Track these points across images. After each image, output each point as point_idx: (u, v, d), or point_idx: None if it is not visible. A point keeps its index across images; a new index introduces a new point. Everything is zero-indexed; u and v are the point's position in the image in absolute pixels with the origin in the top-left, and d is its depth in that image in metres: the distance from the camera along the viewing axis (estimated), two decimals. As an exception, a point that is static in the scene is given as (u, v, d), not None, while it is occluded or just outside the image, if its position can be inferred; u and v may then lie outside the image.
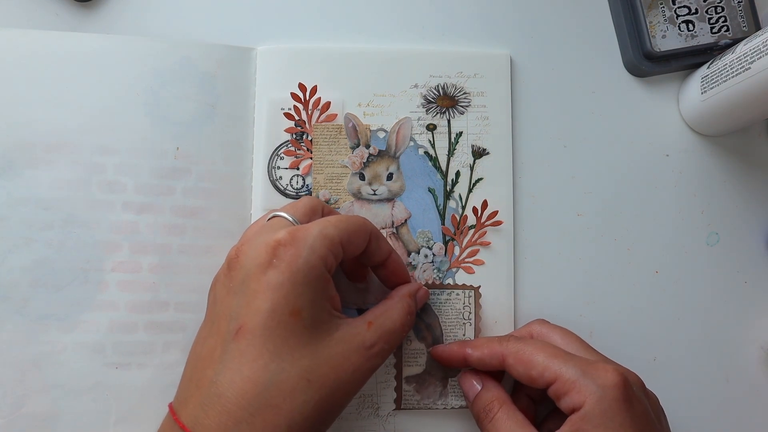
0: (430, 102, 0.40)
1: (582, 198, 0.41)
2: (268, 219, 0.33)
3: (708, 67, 0.39)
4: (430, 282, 0.39)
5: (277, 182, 0.39)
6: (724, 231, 0.41)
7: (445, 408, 0.38)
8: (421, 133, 0.40)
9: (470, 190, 0.40)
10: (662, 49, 0.40)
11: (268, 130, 0.39)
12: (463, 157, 0.40)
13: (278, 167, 0.39)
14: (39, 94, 0.37)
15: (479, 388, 0.35)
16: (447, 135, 0.40)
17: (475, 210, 0.39)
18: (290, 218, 0.32)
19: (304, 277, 0.28)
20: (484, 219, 0.39)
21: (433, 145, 0.40)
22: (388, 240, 0.39)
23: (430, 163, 0.40)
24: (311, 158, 0.39)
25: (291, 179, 0.39)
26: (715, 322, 0.40)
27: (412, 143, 0.40)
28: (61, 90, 0.37)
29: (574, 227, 0.40)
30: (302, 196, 0.39)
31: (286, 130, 0.39)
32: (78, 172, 0.37)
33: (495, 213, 0.39)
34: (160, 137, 0.38)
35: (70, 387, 0.36)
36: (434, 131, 0.40)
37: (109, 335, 0.36)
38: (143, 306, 0.37)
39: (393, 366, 0.38)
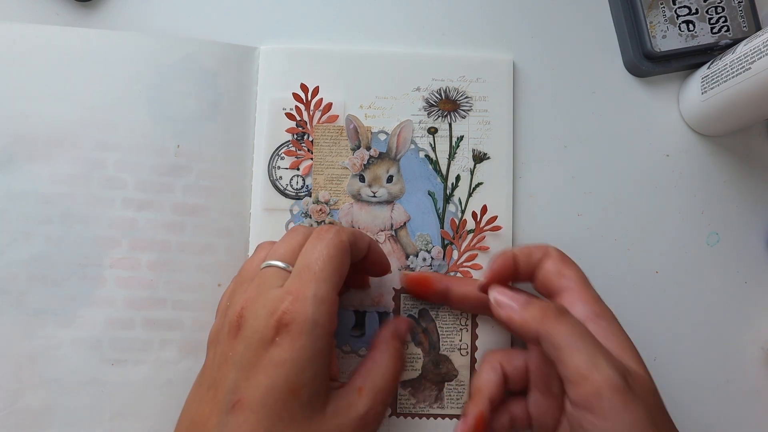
0: (431, 105, 0.40)
1: (582, 198, 0.40)
2: (262, 268, 0.32)
3: (708, 67, 0.39)
4: (428, 285, 0.39)
5: (277, 182, 0.39)
6: (724, 231, 0.41)
7: (441, 414, 0.38)
8: (422, 137, 0.40)
9: (470, 195, 0.39)
10: (662, 49, 0.40)
11: (269, 129, 0.39)
12: (463, 161, 0.40)
13: (278, 167, 0.39)
14: (40, 89, 0.37)
15: (525, 297, 0.33)
16: (448, 139, 0.40)
17: (474, 214, 0.39)
18: (284, 266, 0.31)
19: (307, 353, 0.28)
20: (483, 224, 0.39)
21: (433, 149, 0.40)
22: (387, 243, 0.39)
23: (430, 167, 0.40)
24: (312, 159, 0.39)
25: (291, 179, 0.39)
26: (715, 322, 0.40)
27: (412, 146, 0.40)
28: (62, 85, 0.37)
29: (574, 227, 0.40)
30: (302, 196, 0.39)
31: (287, 131, 0.39)
32: (78, 167, 0.37)
33: (494, 218, 0.39)
34: (161, 134, 0.38)
35: (66, 382, 0.36)
36: (435, 135, 0.40)
37: (106, 331, 0.36)
38: (141, 303, 0.37)
39: (389, 369, 0.38)
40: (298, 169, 0.39)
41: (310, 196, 0.39)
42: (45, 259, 0.36)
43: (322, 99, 0.39)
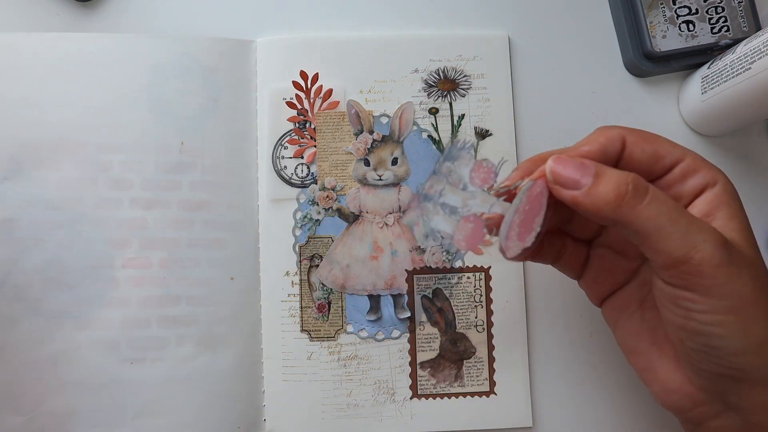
0: (431, 86, 0.40)
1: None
2: None
3: (708, 68, 0.39)
4: (440, 265, 0.39)
5: (282, 172, 0.39)
6: None
7: (462, 392, 0.38)
8: (423, 117, 0.40)
9: (475, 172, 0.39)
10: (662, 49, 0.40)
11: (270, 120, 0.39)
12: (466, 139, 0.40)
13: (282, 157, 0.39)
14: (43, 96, 0.37)
15: (593, 169, 0.27)
16: (449, 118, 0.40)
17: (481, 191, 0.39)
18: None
19: None
20: (491, 199, 0.39)
21: (436, 129, 0.40)
22: (396, 225, 0.39)
23: (434, 147, 0.40)
24: (315, 146, 0.39)
25: (296, 168, 0.39)
26: None
27: (415, 127, 0.40)
28: (64, 90, 0.38)
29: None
30: (308, 184, 0.39)
31: (289, 119, 0.39)
32: (84, 171, 0.37)
33: (501, 193, 0.39)
34: (164, 133, 0.38)
35: (87, 384, 0.36)
36: (437, 115, 0.40)
37: (123, 331, 0.37)
38: (155, 301, 0.37)
39: (407, 352, 0.38)
40: (302, 157, 0.39)
41: (316, 184, 0.39)
42: (58, 264, 0.37)
43: (322, 86, 0.39)
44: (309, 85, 0.39)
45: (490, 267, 0.39)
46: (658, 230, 0.25)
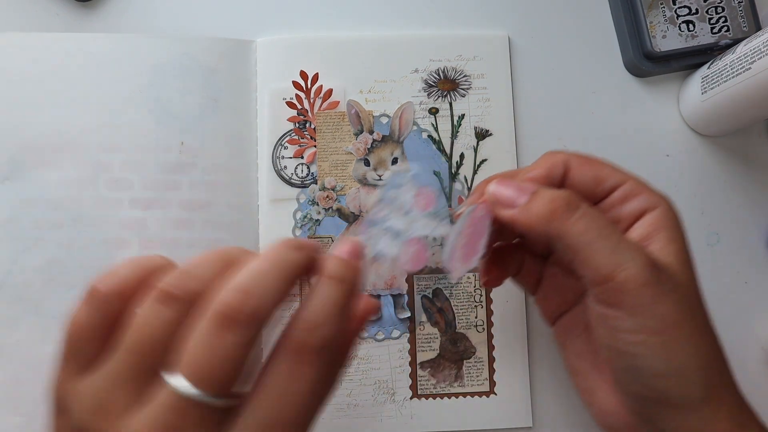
0: (431, 86, 0.40)
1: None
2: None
3: (708, 68, 0.39)
4: (440, 265, 0.39)
5: (282, 172, 0.39)
6: (724, 231, 0.40)
7: (462, 392, 0.38)
8: (423, 117, 0.40)
9: (475, 172, 0.40)
10: (662, 49, 0.40)
11: (270, 120, 0.39)
12: (466, 139, 0.40)
13: (282, 157, 0.39)
14: (44, 96, 0.37)
15: (531, 188, 0.28)
16: (449, 118, 0.40)
17: (481, 191, 0.39)
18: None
19: None
20: (490, 200, 0.39)
21: (436, 129, 0.40)
22: (396, 225, 0.39)
23: (434, 147, 0.40)
24: (315, 146, 0.39)
25: (296, 168, 0.39)
26: (715, 322, 0.40)
27: (415, 127, 0.40)
28: (65, 90, 0.38)
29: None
30: (308, 184, 0.39)
31: (289, 119, 0.39)
32: (85, 171, 0.37)
33: (501, 193, 0.39)
34: (164, 133, 0.38)
35: (86, 384, 0.36)
36: (437, 115, 0.40)
37: (123, 331, 0.37)
38: (155, 301, 0.37)
39: (407, 352, 0.38)
40: (302, 157, 0.39)
41: (316, 184, 0.39)
42: (58, 264, 0.36)
43: (322, 86, 0.39)
44: (309, 85, 0.39)
45: (490, 267, 0.39)
46: (587, 245, 0.26)
